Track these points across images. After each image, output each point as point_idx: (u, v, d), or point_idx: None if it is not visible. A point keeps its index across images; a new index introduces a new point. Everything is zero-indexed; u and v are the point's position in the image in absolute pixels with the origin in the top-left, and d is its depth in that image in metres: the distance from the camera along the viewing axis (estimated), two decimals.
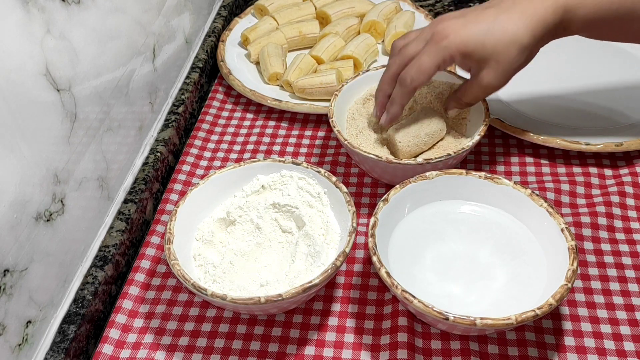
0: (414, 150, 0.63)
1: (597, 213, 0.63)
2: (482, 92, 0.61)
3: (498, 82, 0.59)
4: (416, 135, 0.63)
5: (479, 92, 0.61)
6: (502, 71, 0.57)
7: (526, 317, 0.46)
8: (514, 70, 0.58)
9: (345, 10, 0.88)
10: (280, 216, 0.59)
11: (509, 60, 0.56)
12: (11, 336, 0.49)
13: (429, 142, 0.64)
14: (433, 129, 0.64)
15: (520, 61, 0.57)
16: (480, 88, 0.60)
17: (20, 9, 0.47)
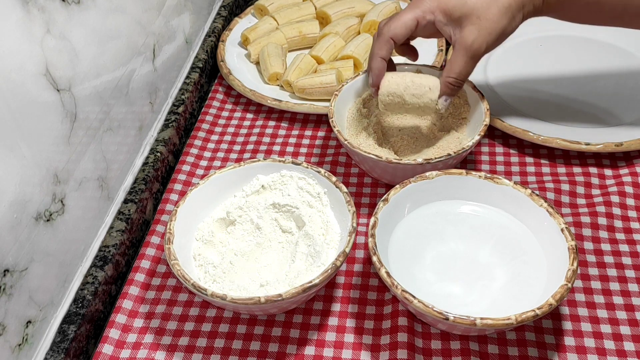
0: (392, 103, 0.61)
1: (597, 213, 0.63)
2: (467, 55, 0.58)
3: (482, 39, 0.57)
4: (400, 88, 0.60)
5: (464, 57, 0.58)
6: (485, 29, 0.56)
7: (526, 317, 0.46)
8: (497, 32, 0.57)
9: (345, 10, 0.88)
10: (280, 216, 0.59)
11: (491, 17, 0.56)
12: (11, 336, 0.49)
13: (413, 102, 0.61)
14: (420, 90, 0.60)
15: (503, 23, 0.57)
16: (464, 50, 0.57)
17: (20, 9, 0.47)
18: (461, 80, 0.59)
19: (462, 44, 0.57)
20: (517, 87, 0.77)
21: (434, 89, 0.60)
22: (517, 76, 0.78)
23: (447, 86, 0.60)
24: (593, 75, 0.78)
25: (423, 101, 0.60)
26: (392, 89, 0.60)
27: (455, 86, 0.59)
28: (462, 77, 0.59)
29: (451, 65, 0.59)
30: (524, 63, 0.81)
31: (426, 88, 0.60)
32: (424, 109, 0.61)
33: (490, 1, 0.56)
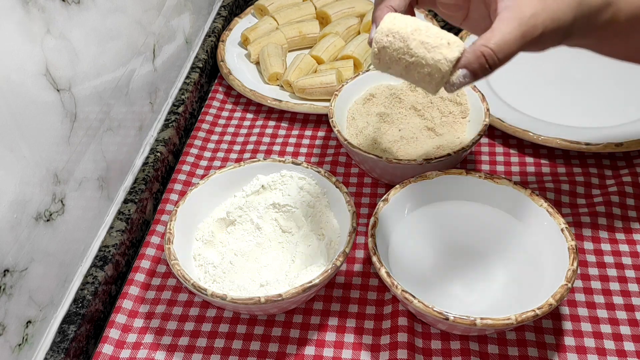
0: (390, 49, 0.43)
1: (597, 213, 0.63)
2: (520, 28, 0.41)
3: (544, 18, 0.41)
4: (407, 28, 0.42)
5: (515, 29, 0.41)
6: (550, 7, 0.42)
7: (526, 317, 0.46)
8: (560, 21, 0.42)
9: (345, 10, 0.88)
10: (280, 216, 0.59)
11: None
12: (11, 336, 0.49)
13: (419, 55, 0.42)
14: (434, 40, 0.42)
15: (570, 15, 0.42)
16: (518, 20, 0.41)
17: (20, 9, 0.47)
18: (498, 58, 0.41)
19: (516, 11, 0.41)
20: (517, 87, 0.77)
21: (453, 47, 0.41)
22: (517, 76, 0.78)
23: (478, 57, 0.41)
24: (593, 75, 0.78)
25: (433, 57, 0.41)
26: (396, 27, 0.42)
27: (487, 62, 0.41)
28: (502, 52, 0.41)
29: (493, 33, 0.41)
30: (524, 63, 0.81)
31: (444, 41, 0.41)
32: (430, 73, 0.42)
33: None
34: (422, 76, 0.42)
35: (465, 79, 0.42)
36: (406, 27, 0.42)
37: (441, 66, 0.41)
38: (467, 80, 0.42)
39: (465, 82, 0.42)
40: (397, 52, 0.42)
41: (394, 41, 0.42)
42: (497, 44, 0.41)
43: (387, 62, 0.43)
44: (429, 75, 0.42)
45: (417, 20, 0.43)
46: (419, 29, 0.42)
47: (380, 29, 0.42)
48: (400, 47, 0.42)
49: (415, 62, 0.42)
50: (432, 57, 0.41)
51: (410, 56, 0.42)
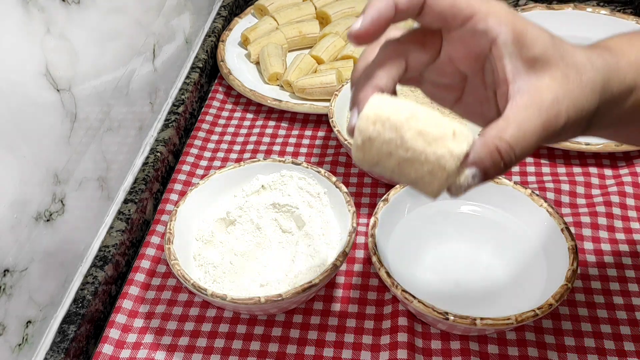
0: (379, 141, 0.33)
1: (597, 213, 0.63)
2: (541, 117, 0.33)
3: (566, 105, 0.34)
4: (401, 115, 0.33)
5: (536, 118, 0.33)
6: (572, 93, 0.34)
7: (526, 317, 0.46)
8: (583, 108, 0.35)
9: (345, 10, 0.88)
10: (280, 216, 0.59)
11: (586, 81, 0.35)
12: (11, 336, 0.49)
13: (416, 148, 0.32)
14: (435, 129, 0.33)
15: (593, 100, 0.35)
16: (538, 108, 0.33)
17: (20, 9, 0.47)
18: (516, 155, 0.33)
19: (534, 96, 0.34)
20: None
21: (460, 138, 0.32)
22: None
23: (491, 153, 0.33)
24: None
25: (435, 151, 0.32)
26: (386, 113, 0.32)
27: (502, 159, 0.33)
28: (520, 147, 0.33)
29: (507, 122, 0.33)
30: None
31: (448, 130, 0.32)
32: (431, 172, 0.33)
33: (589, 57, 0.35)
34: (420, 175, 0.33)
35: (474, 179, 0.33)
36: (399, 113, 0.32)
37: (446, 164, 0.32)
38: (476, 182, 0.34)
39: (475, 183, 0.34)
40: (387, 144, 0.32)
41: (383, 131, 0.32)
42: (514, 136, 0.33)
43: (375, 157, 0.33)
44: (430, 174, 0.33)
45: (411, 103, 0.33)
46: (416, 115, 0.32)
47: (365, 115, 0.32)
48: (391, 138, 0.32)
49: (412, 158, 0.32)
50: (433, 152, 0.32)
51: (406, 150, 0.32)
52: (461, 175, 0.33)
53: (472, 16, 0.33)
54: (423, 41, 0.36)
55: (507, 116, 0.33)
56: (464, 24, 0.34)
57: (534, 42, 0.34)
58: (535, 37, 0.34)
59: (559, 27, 0.77)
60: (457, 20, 0.34)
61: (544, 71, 0.34)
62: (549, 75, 0.34)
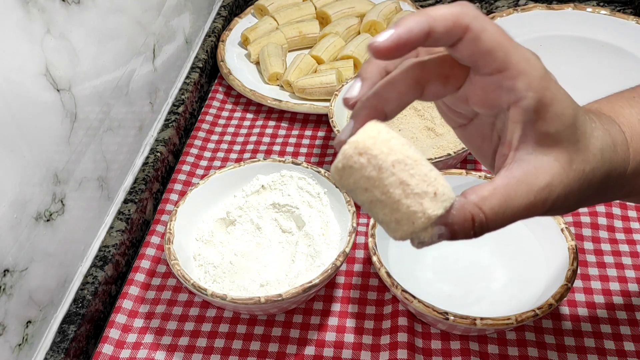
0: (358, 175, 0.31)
1: (597, 213, 0.63)
2: (529, 195, 0.32)
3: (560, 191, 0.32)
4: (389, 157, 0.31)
5: (523, 195, 0.32)
6: (570, 180, 0.33)
7: (526, 317, 0.46)
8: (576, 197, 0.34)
9: (345, 10, 0.88)
10: (280, 216, 0.59)
11: (589, 167, 0.33)
12: (11, 336, 0.49)
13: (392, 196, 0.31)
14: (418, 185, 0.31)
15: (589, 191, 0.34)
16: (528, 186, 0.32)
17: (20, 9, 0.47)
18: (489, 227, 0.32)
19: (529, 174, 0.32)
20: None
21: (439, 200, 0.31)
22: None
23: (465, 220, 0.31)
24: (593, 75, 0.78)
25: (410, 205, 0.31)
26: (375, 149, 0.31)
27: (473, 228, 0.32)
28: (496, 222, 0.32)
29: (493, 192, 0.32)
30: None
31: (430, 188, 0.31)
32: (398, 221, 0.31)
33: (602, 147, 0.34)
34: (388, 220, 0.32)
35: (439, 239, 0.32)
36: (388, 155, 0.30)
37: (416, 221, 0.31)
38: (440, 240, 0.32)
39: (438, 241, 0.32)
40: (366, 180, 0.31)
41: (367, 166, 0.31)
42: (494, 210, 0.31)
43: (351, 184, 0.32)
44: (397, 223, 0.31)
45: (405, 146, 0.31)
46: (404, 162, 0.31)
47: (354, 142, 0.31)
48: (372, 176, 0.31)
49: (385, 202, 0.31)
50: (408, 206, 0.31)
51: (382, 193, 0.31)
52: (427, 231, 0.31)
53: (505, 70, 0.31)
54: (447, 75, 0.33)
55: (496, 185, 0.32)
56: (493, 73, 0.31)
57: (554, 119, 0.32)
58: (558, 113, 0.32)
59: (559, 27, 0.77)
60: (488, 68, 0.31)
61: (551, 150, 0.32)
62: (554, 155, 0.32)
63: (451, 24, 0.30)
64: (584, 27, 0.84)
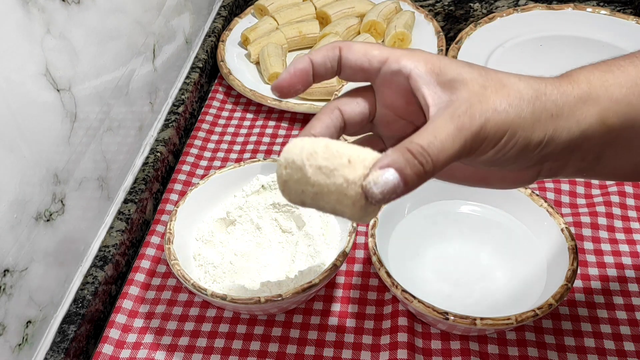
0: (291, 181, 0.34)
1: (597, 213, 0.63)
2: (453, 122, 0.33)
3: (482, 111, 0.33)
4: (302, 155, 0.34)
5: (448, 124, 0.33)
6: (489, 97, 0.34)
7: (526, 317, 0.46)
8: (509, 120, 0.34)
9: (345, 10, 0.88)
10: (280, 216, 0.59)
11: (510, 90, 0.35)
12: (11, 336, 0.49)
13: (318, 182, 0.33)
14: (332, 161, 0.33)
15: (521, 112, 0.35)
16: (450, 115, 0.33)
17: (20, 9, 0.47)
18: (432, 158, 0.32)
19: (449, 108, 0.33)
20: None
21: (356, 164, 0.33)
22: None
23: (404, 154, 0.32)
24: None
25: (335, 182, 0.33)
26: (291, 155, 0.34)
27: (417, 159, 0.32)
28: (435, 149, 0.32)
29: (420, 131, 0.33)
30: (524, 63, 0.81)
31: (343, 159, 0.33)
32: (339, 200, 0.33)
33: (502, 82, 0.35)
34: (332, 206, 0.34)
35: (395, 191, 0.32)
36: (301, 153, 0.33)
37: (345, 190, 0.32)
38: (397, 192, 0.32)
39: (394, 194, 0.32)
40: (298, 183, 0.34)
41: (292, 172, 0.34)
42: (426, 139, 0.32)
43: (295, 195, 0.35)
44: (339, 203, 0.33)
45: (320, 140, 0.34)
46: (316, 151, 0.33)
47: (278, 161, 0.35)
48: (299, 178, 0.34)
49: (320, 192, 0.33)
50: (333, 183, 0.33)
51: (312, 186, 0.33)
52: (367, 183, 0.32)
53: (386, 60, 0.36)
54: (355, 94, 0.39)
55: (421, 129, 0.33)
56: (380, 68, 0.36)
57: (448, 68, 0.35)
58: (449, 64, 0.35)
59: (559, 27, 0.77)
60: (374, 66, 0.36)
61: (462, 87, 0.34)
62: (467, 89, 0.34)
63: (324, 50, 0.37)
64: (584, 27, 0.84)
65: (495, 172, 0.39)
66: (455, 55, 0.82)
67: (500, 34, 0.80)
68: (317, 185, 0.33)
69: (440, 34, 0.84)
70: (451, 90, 0.34)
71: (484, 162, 0.35)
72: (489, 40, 0.84)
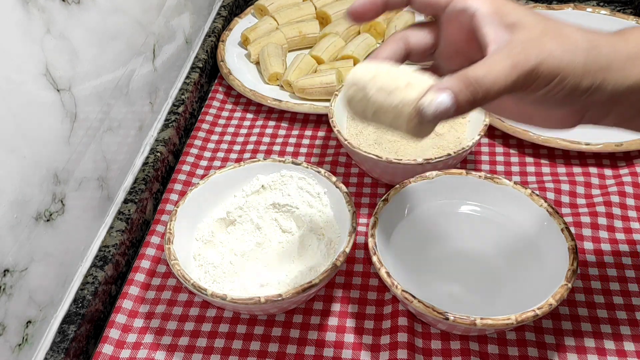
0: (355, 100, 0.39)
1: (597, 213, 0.63)
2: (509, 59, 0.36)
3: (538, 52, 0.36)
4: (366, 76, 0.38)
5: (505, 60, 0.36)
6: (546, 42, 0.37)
7: (526, 317, 0.46)
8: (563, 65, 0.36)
9: (345, 10, 0.88)
10: (280, 216, 0.59)
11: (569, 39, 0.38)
12: (11, 336, 0.49)
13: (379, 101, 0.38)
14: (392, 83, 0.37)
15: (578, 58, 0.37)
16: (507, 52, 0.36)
17: (20, 9, 0.47)
18: (484, 89, 0.35)
19: (507, 45, 0.37)
20: None
21: (414, 86, 0.36)
22: None
23: (458, 80, 0.35)
24: None
25: (392, 101, 0.37)
26: (357, 77, 0.38)
27: (471, 89, 0.35)
28: (489, 82, 0.35)
29: (477, 64, 0.36)
30: None
31: (402, 82, 0.36)
32: (395, 117, 0.37)
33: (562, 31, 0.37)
34: (389, 122, 0.38)
35: (446, 111, 0.35)
36: (365, 75, 0.38)
37: (402, 109, 0.36)
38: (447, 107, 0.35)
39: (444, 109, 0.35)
40: (360, 102, 0.38)
41: (356, 91, 0.38)
42: (481, 70, 0.35)
43: (358, 112, 0.39)
44: (395, 119, 0.37)
45: (383, 65, 0.38)
46: (379, 74, 0.37)
47: (346, 81, 0.39)
48: (362, 97, 0.38)
49: (379, 110, 0.38)
50: (390, 102, 0.37)
51: (372, 104, 0.38)
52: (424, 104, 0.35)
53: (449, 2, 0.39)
54: (421, 27, 0.42)
55: (479, 62, 0.36)
56: (447, 4, 0.39)
57: (511, 11, 0.37)
58: (513, 8, 0.38)
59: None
60: (441, 2, 0.39)
61: (522, 30, 0.37)
62: (526, 32, 0.37)
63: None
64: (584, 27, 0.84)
65: (540, 112, 0.41)
66: None
67: None
68: (377, 104, 0.37)
69: None
70: (512, 32, 0.37)
71: (532, 100, 0.38)
72: None
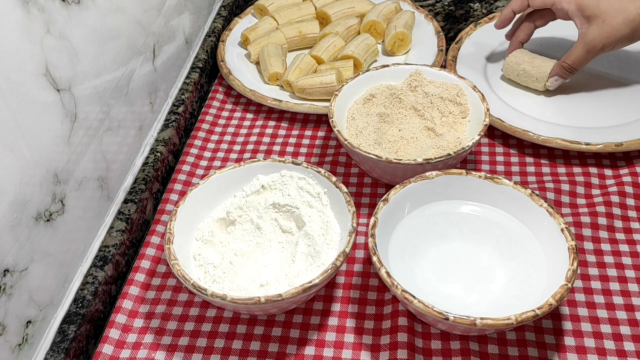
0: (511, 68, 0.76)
1: (597, 213, 0.63)
2: (585, 48, 0.68)
3: (600, 40, 0.67)
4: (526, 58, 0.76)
5: (582, 49, 0.69)
6: (606, 33, 0.67)
7: (526, 317, 0.46)
8: (616, 38, 0.67)
9: (345, 10, 0.88)
10: (280, 216, 0.59)
11: (614, 25, 0.66)
12: (11, 336, 0.49)
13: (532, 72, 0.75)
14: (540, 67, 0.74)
15: (624, 32, 0.66)
16: (583, 44, 0.69)
17: (20, 9, 0.47)
18: (574, 68, 0.71)
19: (583, 38, 0.69)
20: (517, 87, 0.77)
21: (546, 67, 0.74)
22: None
23: (560, 68, 0.72)
24: (592, 75, 0.78)
25: (535, 73, 0.74)
26: (516, 59, 0.76)
27: (567, 71, 0.72)
28: (575, 64, 0.70)
29: (570, 53, 0.70)
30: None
31: (546, 68, 0.74)
32: (535, 80, 0.75)
33: (619, 10, 0.66)
34: (528, 80, 0.76)
35: (556, 81, 0.74)
36: (520, 58, 0.76)
37: (540, 77, 0.75)
38: (558, 82, 0.74)
39: (557, 83, 0.74)
40: (516, 67, 0.76)
41: (516, 63, 0.76)
42: (571, 59, 0.71)
43: (511, 73, 0.77)
44: (535, 81, 0.75)
45: (532, 55, 0.76)
46: (528, 61, 0.75)
47: (509, 58, 0.77)
48: (516, 66, 0.76)
49: (524, 73, 0.76)
50: (535, 73, 0.75)
51: (523, 72, 0.76)
52: (549, 81, 0.74)
53: (554, 2, 0.71)
54: (542, 15, 0.75)
55: (571, 49, 0.71)
56: (553, 5, 0.71)
57: (587, 7, 0.68)
58: (588, 4, 0.68)
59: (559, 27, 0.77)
60: (548, 4, 0.72)
61: (594, 21, 0.68)
62: (595, 22, 0.68)
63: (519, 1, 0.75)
64: None
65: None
66: (455, 56, 0.82)
67: (500, 34, 0.80)
68: (526, 73, 0.75)
69: (440, 34, 0.85)
70: (589, 22, 0.68)
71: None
72: (489, 40, 0.84)
